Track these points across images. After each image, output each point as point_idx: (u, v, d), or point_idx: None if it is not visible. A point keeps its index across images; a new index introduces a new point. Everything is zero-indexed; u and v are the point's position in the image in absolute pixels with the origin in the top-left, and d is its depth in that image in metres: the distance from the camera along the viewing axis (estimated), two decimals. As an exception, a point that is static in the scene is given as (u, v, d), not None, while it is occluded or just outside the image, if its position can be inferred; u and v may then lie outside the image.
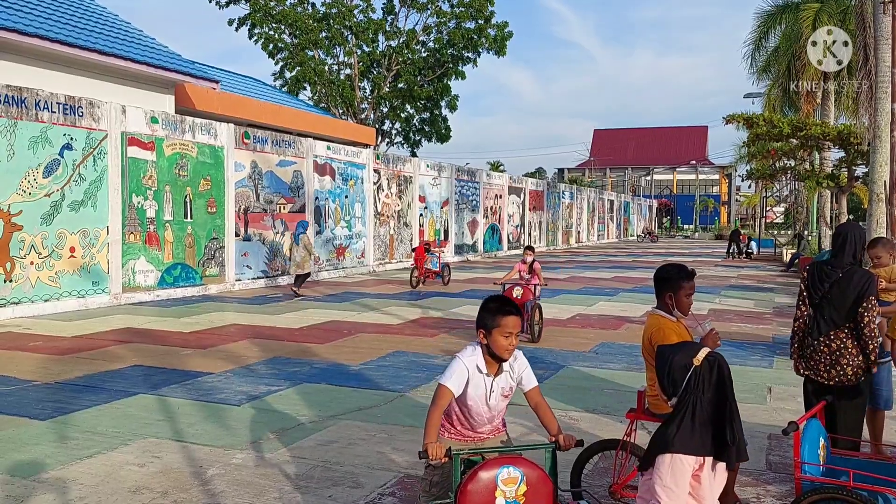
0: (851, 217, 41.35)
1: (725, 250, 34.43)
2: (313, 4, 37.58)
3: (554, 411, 3.40)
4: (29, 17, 15.30)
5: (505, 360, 3.31)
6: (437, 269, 18.46)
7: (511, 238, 35.48)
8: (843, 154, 22.54)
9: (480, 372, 3.31)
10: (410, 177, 25.88)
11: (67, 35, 15.62)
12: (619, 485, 4.13)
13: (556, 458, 3.12)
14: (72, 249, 13.24)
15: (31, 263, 12.52)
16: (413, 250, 21.13)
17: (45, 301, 12.73)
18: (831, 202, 25.58)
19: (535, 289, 10.57)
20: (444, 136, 40.10)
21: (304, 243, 15.80)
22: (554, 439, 3.17)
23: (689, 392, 2.91)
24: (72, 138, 13.28)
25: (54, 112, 12.94)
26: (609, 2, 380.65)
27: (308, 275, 16.08)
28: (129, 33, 18.38)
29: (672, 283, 4.16)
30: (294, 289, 15.72)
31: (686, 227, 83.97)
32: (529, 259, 11.31)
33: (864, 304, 4.37)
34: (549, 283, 13.36)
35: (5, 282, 12.11)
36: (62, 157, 13.11)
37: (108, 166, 13.98)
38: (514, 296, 9.99)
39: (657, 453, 2.97)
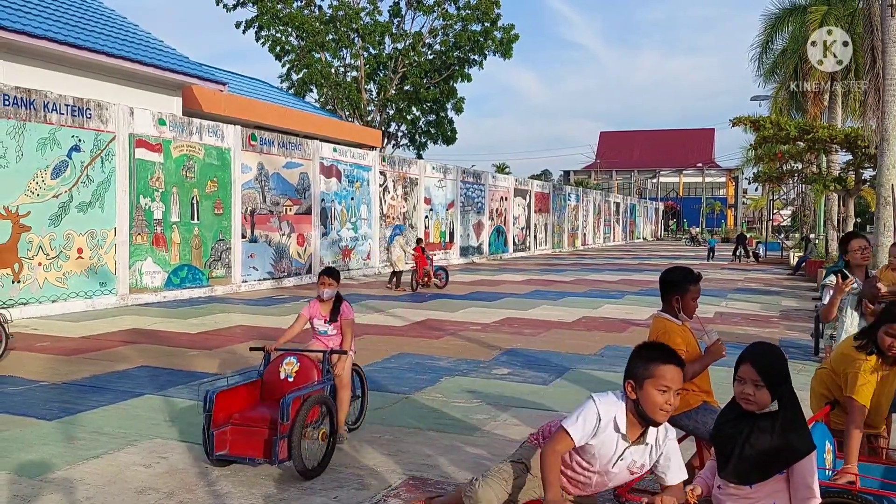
0: (858, 220, 41.18)
1: (732, 252, 34.53)
2: (320, 7, 37.70)
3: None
4: (38, 19, 15.38)
5: (656, 425, 2.71)
6: (414, 268, 18.21)
7: (517, 240, 35.46)
8: (850, 157, 22.44)
9: (617, 431, 2.74)
10: (416, 179, 25.90)
11: (76, 37, 15.69)
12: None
13: None
14: (79, 250, 13.30)
15: (39, 264, 12.59)
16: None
17: (53, 302, 12.79)
18: (838, 205, 25.46)
19: (327, 363, 5.29)
20: (449, 139, 40.15)
21: (400, 244, 18.59)
22: None
23: (789, 389, 2.78)
24: (80, 140, 13.34)
25: (62, 114, 13.01)
26: (614, 3, 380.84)
27: (401, 272, 18.14)
28: (137, 36, 18.46)
29: (679, 287, 4.15)
30: (389, 286, 17.99)
31: (692, 229, 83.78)
32: (329, 294, 5.64)
33: None
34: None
35: (13, 282, 12.18)
36: (70, 158, 13.17)
37: (116, 168, 14.05)
38: (282, 376, 5.17)
39: (795, 460, 2.70)
